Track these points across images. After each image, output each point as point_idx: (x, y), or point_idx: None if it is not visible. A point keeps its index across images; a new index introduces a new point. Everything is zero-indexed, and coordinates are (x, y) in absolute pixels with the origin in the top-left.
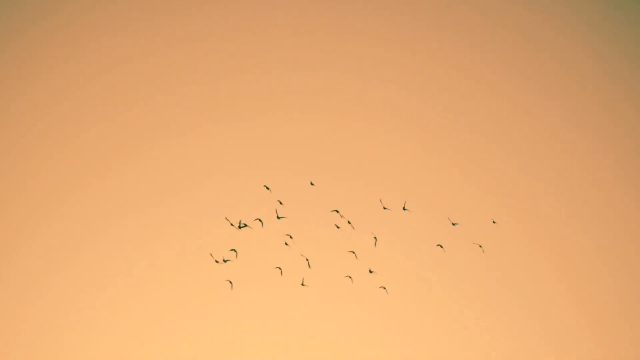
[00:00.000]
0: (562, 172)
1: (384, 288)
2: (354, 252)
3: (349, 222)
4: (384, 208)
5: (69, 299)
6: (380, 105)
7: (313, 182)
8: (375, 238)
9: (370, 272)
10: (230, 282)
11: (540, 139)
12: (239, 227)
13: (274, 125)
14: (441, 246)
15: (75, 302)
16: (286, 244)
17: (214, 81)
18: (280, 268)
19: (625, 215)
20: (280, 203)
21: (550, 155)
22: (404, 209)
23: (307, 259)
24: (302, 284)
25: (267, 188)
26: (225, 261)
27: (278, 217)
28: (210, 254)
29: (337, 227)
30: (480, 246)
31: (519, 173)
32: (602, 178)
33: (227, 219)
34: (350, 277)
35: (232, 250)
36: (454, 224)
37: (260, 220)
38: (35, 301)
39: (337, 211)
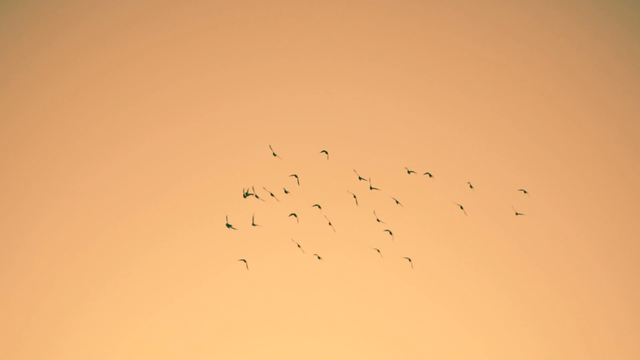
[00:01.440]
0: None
1: (409, 260)
2: (378, 220)
3: (371, 188)
4: (408, 172)
5: (78, 292)
6: (404, 75)
7: (327, 152)
8: (397, 202)
9: (390, 233)
10: (245, 261)
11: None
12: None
13: (290, 105)
14: (462, 207)
15: (81, 296)
16: (294, 214)
17: (235, 66)
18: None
19: None
20: (296, 176)
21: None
22: (429, 175)
23: (330, 223)
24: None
25: (274, 154)
26: (229, 226)
27: (286, 191)
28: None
29: (355, 197)
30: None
31: (547, 143)
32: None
33: (244, 191)
34: (378, 250)
35: (252, 220)
36: (471, 187)
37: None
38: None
39: (362, 178)
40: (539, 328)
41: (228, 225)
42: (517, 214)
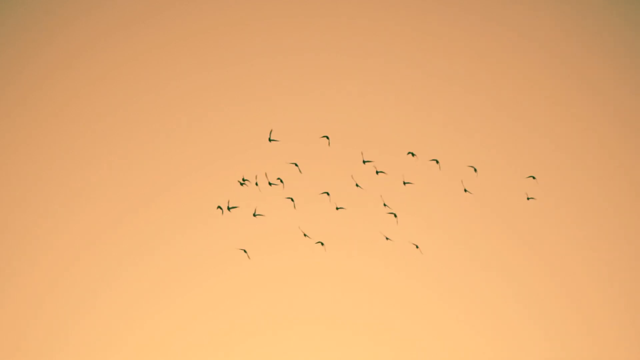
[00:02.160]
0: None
1: (417, 246)
2: (385, 205)
3: (378, 172)
4: (412, 154)
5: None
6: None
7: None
8: (404, 183)
9: (395, 216)
10: (245, 251)
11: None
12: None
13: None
14: (466, 190)
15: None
16: (292, 199)
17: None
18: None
19: None
20: (296, 165)
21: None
22: (436, 162)
23: (338, 207)
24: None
25: (271, 140)
26: (229, 209)
27: (281, 181)
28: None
29: (357, 186)
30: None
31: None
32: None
33: (245, 179)
34: (387, 237)
35: (256, 212)
36: (475, 170)
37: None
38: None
39: (366, 161)
40: (545, 323)
41: (229, 208)
42: (528, 198)
